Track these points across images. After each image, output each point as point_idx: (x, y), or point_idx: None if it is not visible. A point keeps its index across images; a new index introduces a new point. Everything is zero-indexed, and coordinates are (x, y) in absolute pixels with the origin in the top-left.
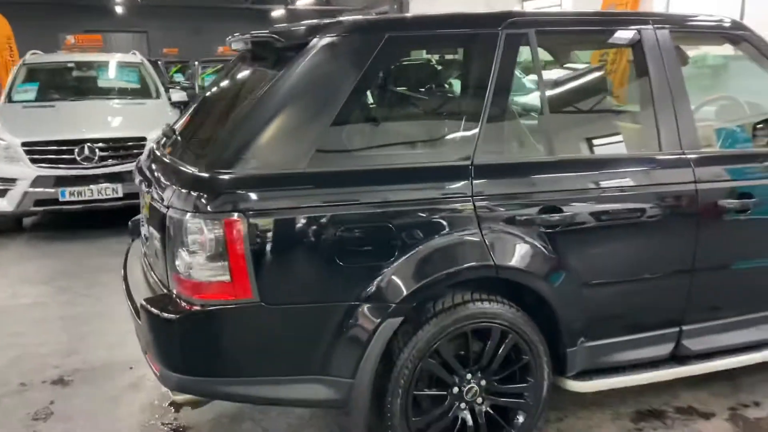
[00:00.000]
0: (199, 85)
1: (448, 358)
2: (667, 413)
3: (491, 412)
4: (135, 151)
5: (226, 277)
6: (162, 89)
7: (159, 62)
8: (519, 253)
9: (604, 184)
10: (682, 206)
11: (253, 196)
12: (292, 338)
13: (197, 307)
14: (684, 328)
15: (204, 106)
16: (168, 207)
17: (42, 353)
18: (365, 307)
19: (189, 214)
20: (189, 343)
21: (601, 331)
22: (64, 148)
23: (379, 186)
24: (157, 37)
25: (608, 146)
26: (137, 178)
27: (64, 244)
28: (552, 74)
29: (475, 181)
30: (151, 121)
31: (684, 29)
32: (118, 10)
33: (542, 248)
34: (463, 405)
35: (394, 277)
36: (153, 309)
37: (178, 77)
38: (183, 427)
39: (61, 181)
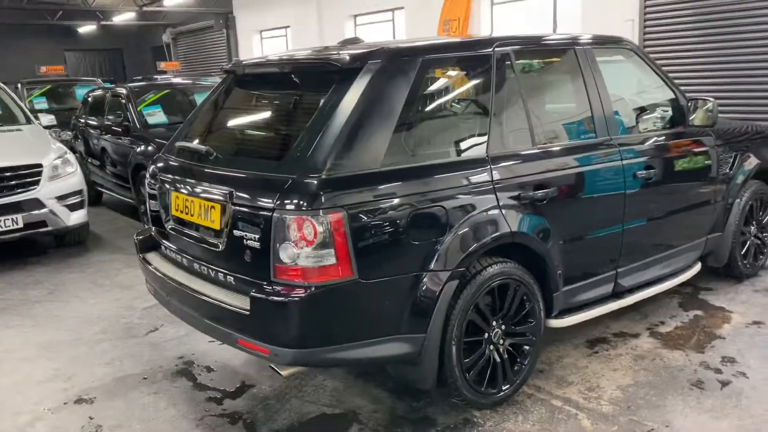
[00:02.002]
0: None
1: (484, 310)
2: (608, 338)
3: (510, 348)
4: (30, 179)
5: (332, 261)
6: (29, 114)
7: None
8: (525, 222)
9: (571, 164)
10: (617, 177)
11: (348, 193)
12: (383, 306)
13: (305, 290)
14: (619, 270)
15: (240, 123)
16: (272, 210)
17: (40, 380)
18: (432, 275)
19: (299, 213)
20: (303, 319)
21: (572, 277)
22: None
23: (435, 177)
24: None
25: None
26: (168, 190)
27: None
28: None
29: (492, 168)
30: (37, 146)
31: (598, 45)
32: None
33: (538, 216)
34: (491, 347)
35: (451, 249)
36: (265, 296)
37: None
38: (238, 413)
39: None
